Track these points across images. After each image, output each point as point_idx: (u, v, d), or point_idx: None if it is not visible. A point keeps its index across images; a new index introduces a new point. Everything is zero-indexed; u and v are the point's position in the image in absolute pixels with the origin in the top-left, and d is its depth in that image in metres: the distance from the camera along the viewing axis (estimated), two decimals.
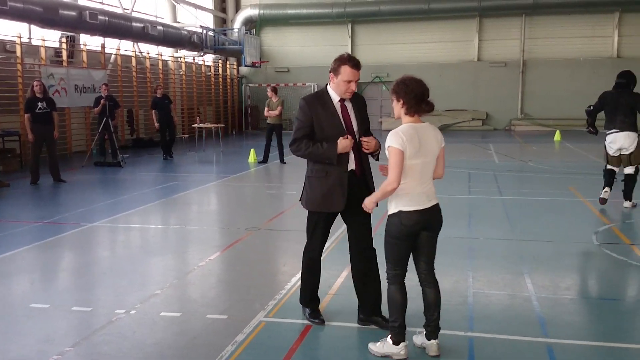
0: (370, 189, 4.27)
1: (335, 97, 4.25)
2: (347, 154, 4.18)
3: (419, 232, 3.84)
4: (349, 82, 4.16)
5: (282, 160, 14.45)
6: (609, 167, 8.76)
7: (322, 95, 4.30)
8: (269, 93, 14.75)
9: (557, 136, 21.05)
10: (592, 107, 8.98)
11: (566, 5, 25.39)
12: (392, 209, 3.85)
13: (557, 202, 9.49)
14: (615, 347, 4.12)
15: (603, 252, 6.48)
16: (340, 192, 4.21)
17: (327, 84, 4.32)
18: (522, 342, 4.20)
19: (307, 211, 4.44)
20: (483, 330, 4.36)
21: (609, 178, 8.75)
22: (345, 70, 4.13)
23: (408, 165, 3.74)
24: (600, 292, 5.27)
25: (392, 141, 3.73)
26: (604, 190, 8.76)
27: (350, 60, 4.16)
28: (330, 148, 4.12)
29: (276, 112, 14.32)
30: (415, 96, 3.75)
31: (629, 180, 8.68)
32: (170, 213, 9.29)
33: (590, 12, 25.66)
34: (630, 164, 8.58)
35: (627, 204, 8.73)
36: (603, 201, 8.72)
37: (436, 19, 26.93)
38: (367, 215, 4.21)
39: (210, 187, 11.58)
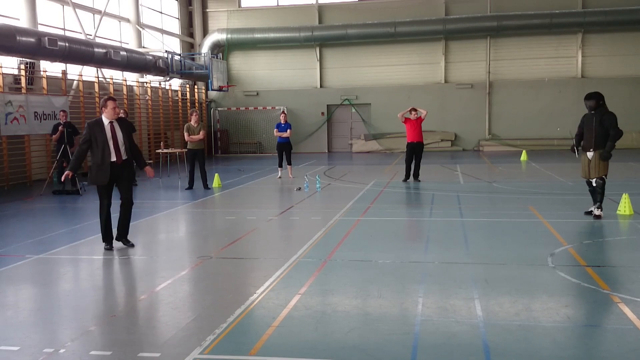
0: (131, 170, 8.15)
1: (106, 121, 7.88)
2: (109, 153, 7.78)
3: None
4: (114, 108, 7.86)
5: (205, 186, 14.33)
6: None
7: (99, 121, 7.93)
8: (194, 118, 14.44)
9: (524, 156, 21.20)
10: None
11: (529, 27, 25.80)
12: None
13: (516, 223, 9.42)
14: None
15: (557, 275, 6.37)
16: (104, 174, 7.82)
17: (101, 114, 7.94)
18: None
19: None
20: None
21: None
22: (110, 104, 7.86)
23: None
24: (551, 317, 5.13)
25: None
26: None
27: (110, 99, 7.95)
28: (76, 165, 8.07)
29: (199, 136, 14.16)
30: None
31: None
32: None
33: (553, 34, 26.11)
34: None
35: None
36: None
37: (403, 42, 27.15)
38: (130, 186, 8.13)
39: (168, 214, 11.29)
